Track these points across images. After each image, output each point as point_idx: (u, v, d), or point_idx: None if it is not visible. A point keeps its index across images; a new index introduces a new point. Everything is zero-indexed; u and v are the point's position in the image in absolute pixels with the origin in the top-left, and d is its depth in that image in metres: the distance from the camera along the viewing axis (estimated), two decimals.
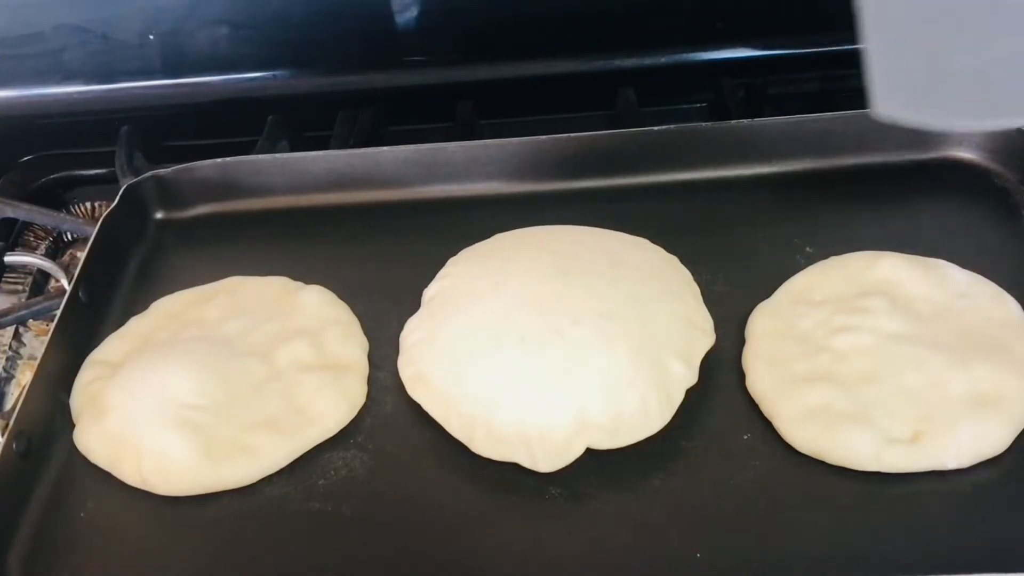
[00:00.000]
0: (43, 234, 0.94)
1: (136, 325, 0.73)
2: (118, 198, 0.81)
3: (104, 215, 0.79)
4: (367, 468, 0.64)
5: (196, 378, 0.66)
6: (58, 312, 0.72)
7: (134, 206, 0.81)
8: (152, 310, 0.74)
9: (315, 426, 0.65)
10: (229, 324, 0.71)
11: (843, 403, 0.62)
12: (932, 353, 0.64)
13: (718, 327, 0.69)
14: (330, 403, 0.66)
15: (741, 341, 0.68)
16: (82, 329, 0.73)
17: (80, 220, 0.92)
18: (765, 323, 0.68)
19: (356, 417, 0.67)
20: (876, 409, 0.62)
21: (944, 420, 0.61)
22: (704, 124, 0.81)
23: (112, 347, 0.72)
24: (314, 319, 0.71)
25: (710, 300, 0.70)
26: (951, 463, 0.60)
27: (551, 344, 0.64)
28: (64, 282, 0.85)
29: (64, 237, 0.93)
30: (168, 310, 0.74)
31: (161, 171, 0.83)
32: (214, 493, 0.63)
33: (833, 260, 0.71)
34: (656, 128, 0.81)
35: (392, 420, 0.67)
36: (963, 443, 0.60)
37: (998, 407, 0.61)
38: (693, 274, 0.72)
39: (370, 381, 0.69)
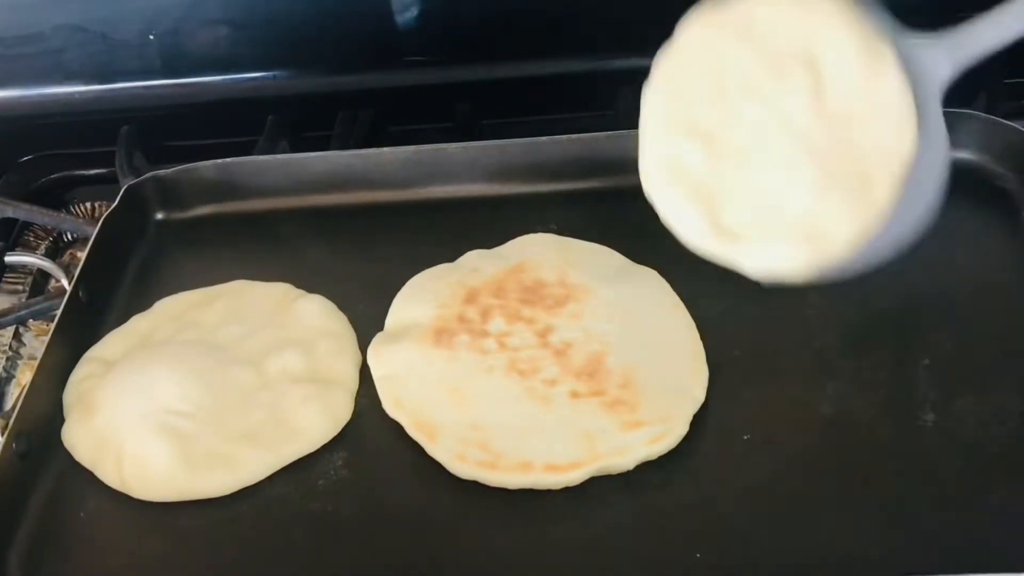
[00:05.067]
0: (43, 234, 0.93)
1: (137, 324, 0.73)
2: (118, 198, 0.81)
3: (104, 215, 0.79)
4: (368, 468, 0.64)
5: (183, 383, 0.66)
6: (58, 312, 0.72)
7: (134, 206, 0.81)
8: (155, 309, 0.74)
9: (297, 440, 0.65)
10: (226, 329, 0.71)
11: (705, 173, 0.62)
12: (805, 162, 0.60)
13: (717, 323, 0.69)
14: (314, 418, 0.65)
15: (742, 342, 0.68)
16: (82, 329, 0.73)
17: (80, 220, 0.92)
18: (697, 34, 0.63)
19: (357, 417, 0.67)
20: (727, 193, 0.62)
21: (767, 232, 0.61)
22: None
23: (110, 345, 0.72)
24: (310, 329, 0.71)
25: (709, 301, 0.71)
26: (748, 270, 0.61)
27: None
28: (64, 282, 0.85)
29: (64, 237, 0.93)
30: (170, 310, 0.74)
31: (161, 171, 0.83)
32: None
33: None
34: None
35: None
36: (764, 260, 0.61)
37: (816, 242, 0.60)
38: (692, 274, 0.72)
39: (369, 383, 0.68)
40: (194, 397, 0.66)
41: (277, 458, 0.64)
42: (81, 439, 0.66)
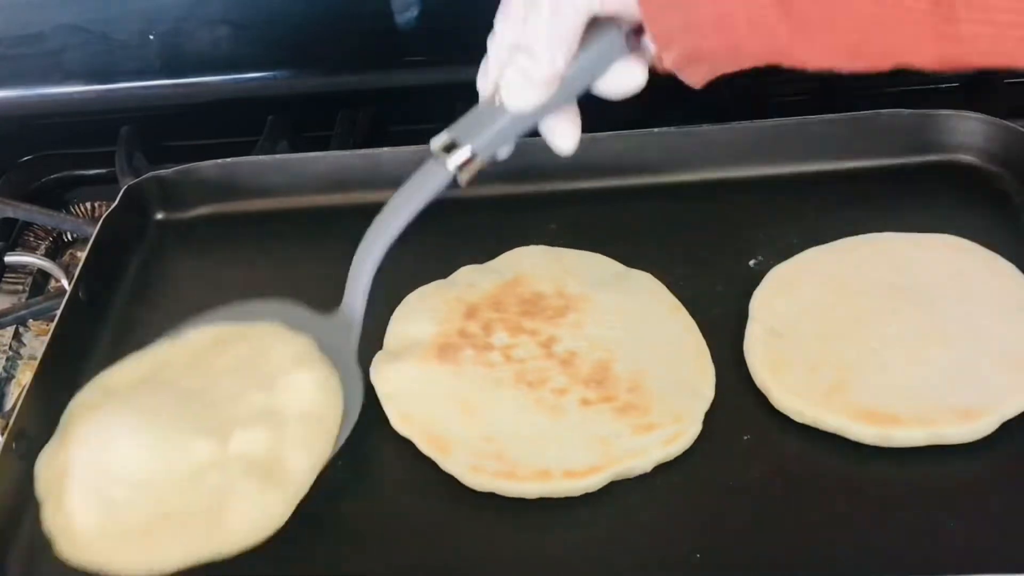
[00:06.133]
0: (43, 234, 0.94)
1: (157, 351, 0.67)
2: (119, 198, 0.81)
3: (104, 215, 0.79)
4: (368, 469, 0.64)
5: (139, 448, 0.60)
6: (58, 312, 0.72)
7: (134, 206, 0.82)
8: (183, 337, 0.67)
9: (219, 540, 0.58)
10: (226, 381, 0.64)
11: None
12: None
13: (717, 330, 0.69)
14: (243, 519, 0.58)
15: (739, 342, 0.68)
16: (82, 329, 0.73)
17: (80, 220, 0.92)
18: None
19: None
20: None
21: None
22: (705, 126, 0.81)
23: (123, 371, 0.66)
24: (293, 404, 0.63)
25: (709, 302, 0.71)
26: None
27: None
28: (64, 282, 0.85)
29: (64, 237, 0.93)
30: (194, 344, 0.67)
31: (162, 172, 0.83)
32: None
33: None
34: (656, 130, 0.81)
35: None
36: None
37: None
38: (693, 275, 0.72)
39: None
40: (143, 465, 0.59)
41: (197, 554, 0.57)
42: (44, 469, 0.61)
